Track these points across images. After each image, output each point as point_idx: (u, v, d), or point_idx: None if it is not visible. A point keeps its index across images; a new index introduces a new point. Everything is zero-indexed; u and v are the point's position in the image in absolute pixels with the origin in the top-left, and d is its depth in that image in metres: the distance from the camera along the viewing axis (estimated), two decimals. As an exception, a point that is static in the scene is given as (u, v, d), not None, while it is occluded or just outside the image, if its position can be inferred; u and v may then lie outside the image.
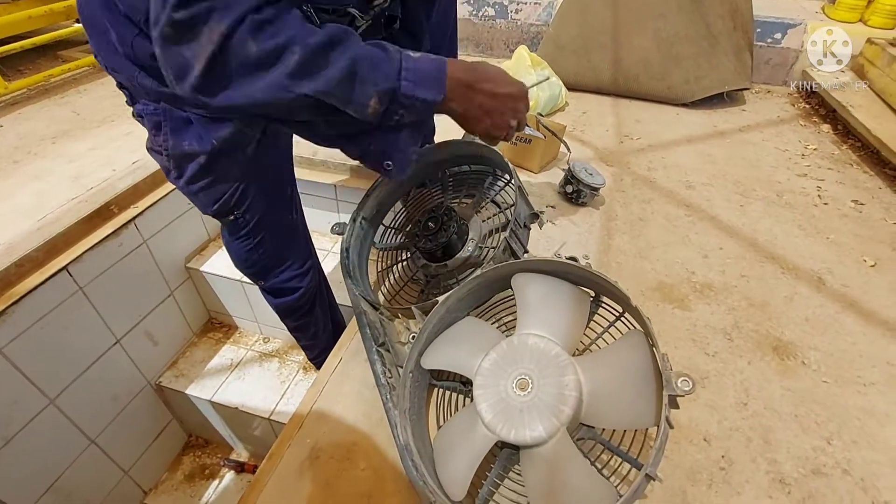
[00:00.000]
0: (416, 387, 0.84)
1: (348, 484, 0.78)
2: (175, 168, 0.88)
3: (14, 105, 2.19)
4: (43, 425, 1.37)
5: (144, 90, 0.79)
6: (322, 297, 1.33)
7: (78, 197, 1.48)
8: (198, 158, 0.85)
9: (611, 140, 1.85)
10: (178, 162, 0.86)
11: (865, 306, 1.15)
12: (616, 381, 0.68)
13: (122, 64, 0.77)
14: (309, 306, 1.29)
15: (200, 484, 1.85)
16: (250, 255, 1.09)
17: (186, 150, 0.83)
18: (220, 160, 0.86)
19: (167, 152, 0.85)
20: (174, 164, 0.87)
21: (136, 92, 0.83)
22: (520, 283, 0.81)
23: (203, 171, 0.87)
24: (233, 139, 0.84)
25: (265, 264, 1.12)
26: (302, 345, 1.45)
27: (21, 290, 1.24)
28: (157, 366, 1.78)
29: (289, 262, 1.16)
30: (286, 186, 1.11)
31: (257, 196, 0.97)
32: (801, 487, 0.82)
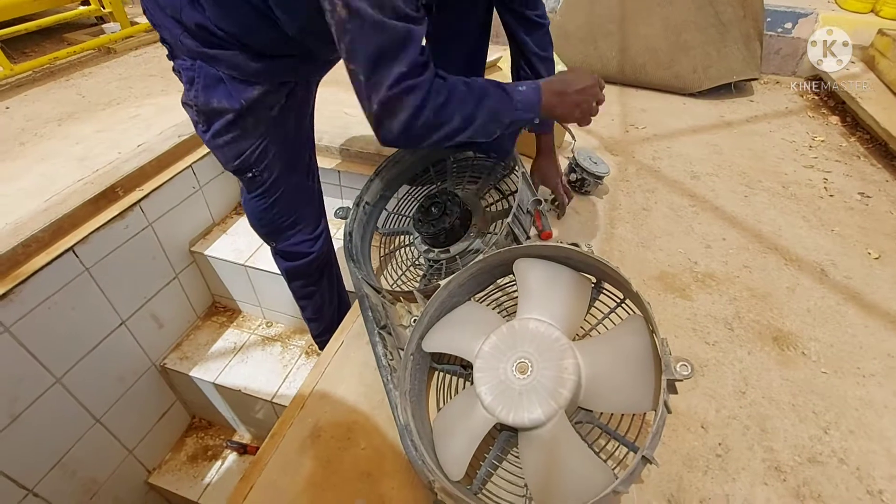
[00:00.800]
0: (417, 369, 0.85)
1: (348, 462, 0.80)
2: (203, 122, 0.95)
3: (20, 87, 2.19)
4: (49, 403, 1.40)
5: (185, 48, 0.87)
6: (331, 269, 1.34)
7: (84, 178, 1.48)
8: (226, 115, 0.92)
9: (616, 129, 1.84)
10: (206, 116, 0.93)
11: (868, 298, 1.15)
12: (615, 366, 0.69)
13: (170, 24, 0.87)
14: (318, 275, 1.29)
15: (203, 464, 1.88)
16: (265, 214, 1.12)
17: (215, 106, 0.91)
18: (245, 118, 0.94)
19: (197, 107, 0.92)
20: (203, 118, 0.94)
21: (177, 48, 0.90)
22: (521, 267, 0.81)
23: (229, 127, 0.94)
24: (260, 100, 0.92)
25: (278, 225, 1.14)
26: (307, 317, 1.43)
27: (28, 269, 1.25)
28: (162, 348, 1.80)
29: (301, 225, 1.17)
30: (305, 151, 1.13)
31: (277, 156, 1.02)
32: (797, 475, 0.83)
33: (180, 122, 1.77)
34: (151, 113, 1.89)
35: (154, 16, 0.89)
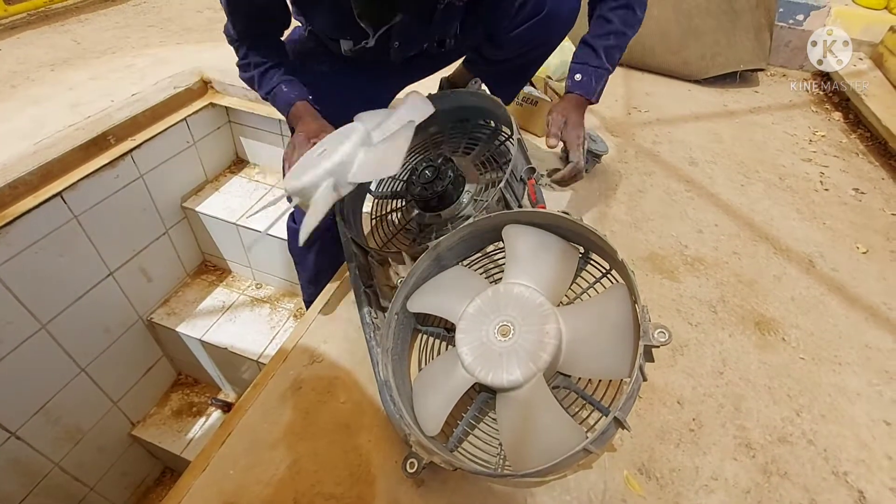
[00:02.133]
0: (401, 329, 0.85)
1: (327, 414, 0.80)
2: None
3: (13, 29, 2.14)
4: (34, 349, 1.40)
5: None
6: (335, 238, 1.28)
7: (75, 124, 1.46)
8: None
9: (619, 110, 1.83)
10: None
11: (851, 291, 1.16)
12: (596, 332, 0.70)
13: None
14: (320, 244, 1.21)
15: (187, 420, 1.90)
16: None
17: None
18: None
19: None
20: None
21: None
22: (511, 233, 0.81)
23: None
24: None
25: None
26: (302, 283, 1.40)
27: (14, 211, 1.24)
28: (150, 302, 1.80)
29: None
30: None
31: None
32: (766, 453, 0.85)
33: (176, 74, 1.74)
34: (147, 63, 1.85)
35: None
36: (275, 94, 0.96)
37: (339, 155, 0.71)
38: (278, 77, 0.96)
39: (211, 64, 1.83)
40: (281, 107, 0.97)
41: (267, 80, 0.96)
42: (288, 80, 0.96)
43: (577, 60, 1.04)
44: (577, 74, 1.03)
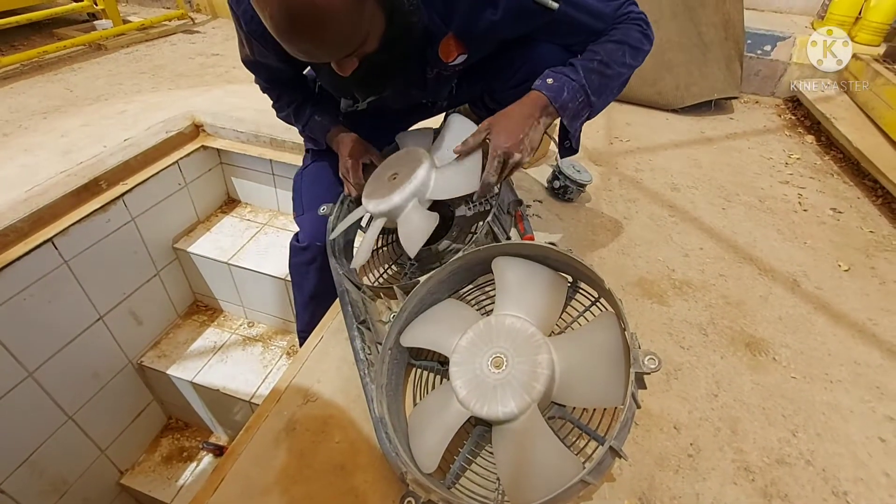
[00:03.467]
0: (395, 364, 0.85)
1: (322, 455, 0.79)
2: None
3: (7, 79, 2.18)
4: (20, 398, 1.37)
5: None
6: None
7: (67, 171, 1.47)
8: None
9: (601, 141, 1.88)
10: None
11: (837, 308, 1.19)
12: (588, 361, 0.70)
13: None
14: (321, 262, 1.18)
15: (178, 466, 1.84)
16: (297, 177, 1.20)
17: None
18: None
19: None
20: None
21: None
22: (500, 265, 0.83)
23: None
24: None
25: (302, 196, 1.19)
26: (298, 308, 1.39)
27: (4, 259, 1.24)
28: (140, 345, 1.77)
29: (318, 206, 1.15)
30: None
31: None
32: (765, 475, 0.84)
33: (168, 118, 1.77)
34: (140, 109, 1.89)
35: None
36: (311, 126, 1.07)
37: (418, 179, 0.86)
38: (310, 110, 1.06)
39: (203, 108, 1.87)
40: (318, 135, 1.08)
41: (301, 115, 1.07)
42: (319, 110, 1.06)
43: (554, 70, 0.89)
44: (549, 78, 0.87)
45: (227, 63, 2.47)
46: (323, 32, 0.66)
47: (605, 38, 0.90)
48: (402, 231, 0.85)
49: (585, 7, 0.86)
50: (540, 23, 0.86)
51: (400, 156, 0.94)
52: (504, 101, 1.08)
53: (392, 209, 0.86)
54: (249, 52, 0.95)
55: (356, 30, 0.69)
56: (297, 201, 1.17)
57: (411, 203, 0.85)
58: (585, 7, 0.86)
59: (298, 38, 0.67)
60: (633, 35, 0.90)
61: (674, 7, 1.99)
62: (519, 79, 1.01)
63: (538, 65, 0.95)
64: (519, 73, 1.00)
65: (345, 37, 0.69)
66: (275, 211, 2.00)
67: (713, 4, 1.99)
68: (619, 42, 0.89)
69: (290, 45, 0.69)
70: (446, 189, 0.86)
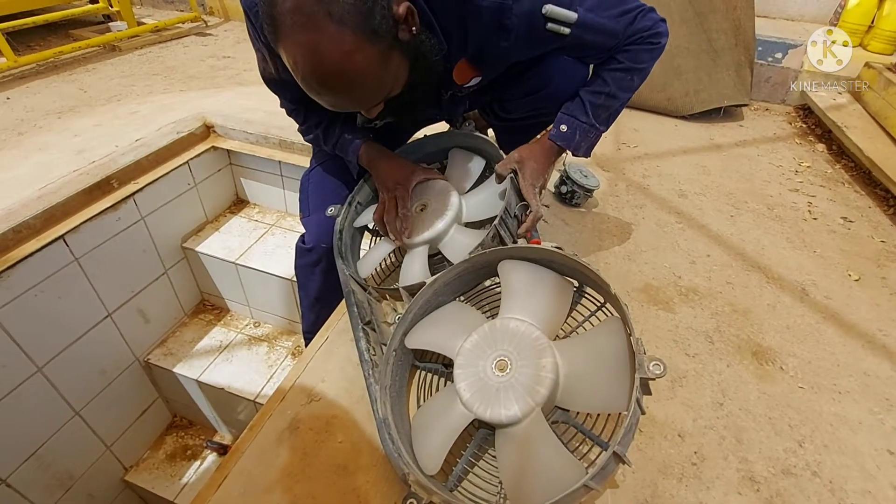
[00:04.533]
0: (399, 365, 0.85)
1: (325, 455, 0.80)
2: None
3: (22, 79, 2.22)
4: (29, 392, 1.38)
5: None
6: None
7: (80, 169, 1.49)
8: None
9: (608, 146, 1.88)
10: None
11: (846, 318, 1.17)
12: (592, 365, 0.70)
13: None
14: (326, 263, 1.19)
15: (182, 464, 1.85)
16: (304, 179, 1.19)
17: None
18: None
19: None
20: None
21: None
22: (506, 269, 0.83)
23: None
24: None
25: (309, 198, 1.18)
26: (303, 308, 1.39)
27: (17, 255, 1.26)
28: (147, 343, 1.79)
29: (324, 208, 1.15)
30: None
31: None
32: (770, 486, 0.83)
33: (179, 120, 1.79)
34: (152, 110, 1.91)
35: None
36: (341, 145, 1.04)
37: (454, 206, 0.97)
38: (339, 129, 1.03)
39: (213, 109, 1.89)
40: (350, 153, 1.04)
41: (330, 135, 1.04)
42: (348, 127, 1.03)
43: (566, 112, 0.96)
44: (562, 125, 0.95)
45: (237, 65, 2.49)
46: (351, 91, 0.70)
47: (615, 65, 0.91)
48: (449, 251, 0.95)
49: (597, 28, 0.85)
50: (552, 47, 0.88)
51: (417, 189, 1.03)
52: (514, 110, 1.09)
53: (436, 235, 0.95)
54: (273, 70, 0.89)
55: (382, 84, 0.73)
56: (304, 203, 1.17)
57: (454, 227, 0.97)
58: (597, 28, 0.85)
59: (328, 95, 0.71)
60: (642, 58, 0.91)
61: (683, 13, 1.99)
62: (528, 90, 1.02)
63: (548, 75, 0.98)
64: (529, 83, 1.01)
65: (371, 92, 0.73)
66: (283, 212, 2.01)
67: (723, 10, 1.99)
68: (628, 70, 0.91)
69: (319, 98, 0.72)
70: (476, 213, 0.99)
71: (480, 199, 1.01)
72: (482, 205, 1.00)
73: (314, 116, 1.04)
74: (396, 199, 1.00)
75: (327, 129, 1.04)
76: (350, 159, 1.05)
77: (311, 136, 1.07)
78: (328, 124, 1.03)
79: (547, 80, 0.98)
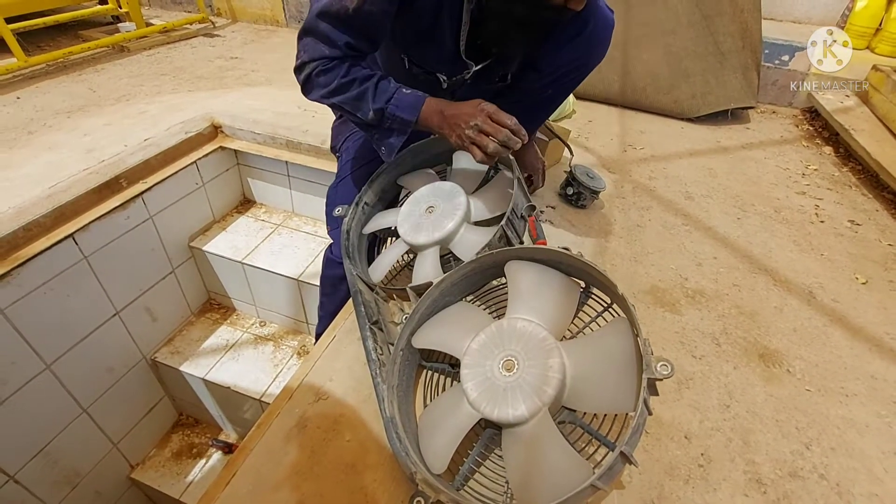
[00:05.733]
0: (406, 365, 0.86)
1: (333, 453, 0.80)
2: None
3: (33, 79, 2.24)
4: (37, 389, 1.40)
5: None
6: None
7: (90, 168, 1.51)
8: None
9: (614, 148, 1.88)
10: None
11: (854, 321, 1.17)
12: (599, 366, 0.70)
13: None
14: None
15: (187, 462, 1.86)
16: (331, 191, 1.22)
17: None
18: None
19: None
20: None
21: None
22: (513, 269, 0.83)
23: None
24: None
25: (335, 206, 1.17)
26: (322, 314, 1.39)
27: (27, 253, 1.27)
28: (154, 341, 1.80)
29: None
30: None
31: (352, 148, 1.23)
32: (777, 488, 0.83)
33: (188, 120, 1.81)
34: (160, 110, 1.93)
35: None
36: (397, 100, 0.93)
37: (463, 206, 0.98)
38: (394, 84, 0.94)
39: (221, 109, 1.90)
40: (407, 110, 0.93)
41: (382, 90, 0.93)
42: (402, 86, 0.94)
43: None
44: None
45: (245, 66, 2.51)
46: None
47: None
48: (460, 250, 0.96)
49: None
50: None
51: (425, 192, 1.04)
52: (544, 68, 1.11)
53: (447, 235, 0.96)
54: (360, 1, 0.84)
55: None
56: (331, 216, 1.17)
57: (464, 226, 0.98)
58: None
59: None
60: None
61: (690, 16, 1.99)
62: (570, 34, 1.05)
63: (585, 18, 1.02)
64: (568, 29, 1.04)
65: None
66: (289, 212, 2.02)
67: (730, 13, 1.99)
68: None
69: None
70: (485, 212, 1.01)
71: (488, 198, 1.02)
72: (490, 203, 1.01)
73: (360, 70, 0.93)
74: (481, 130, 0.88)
75: (379, 84, 0.93)
76: (406, 117, 0.93)
77: (351, 93, 0.93)
78: (380, 78, 0.93)
79: (586, 22, 1.03)
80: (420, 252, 1.00)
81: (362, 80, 0.93)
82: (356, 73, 0.92)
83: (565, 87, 1.18)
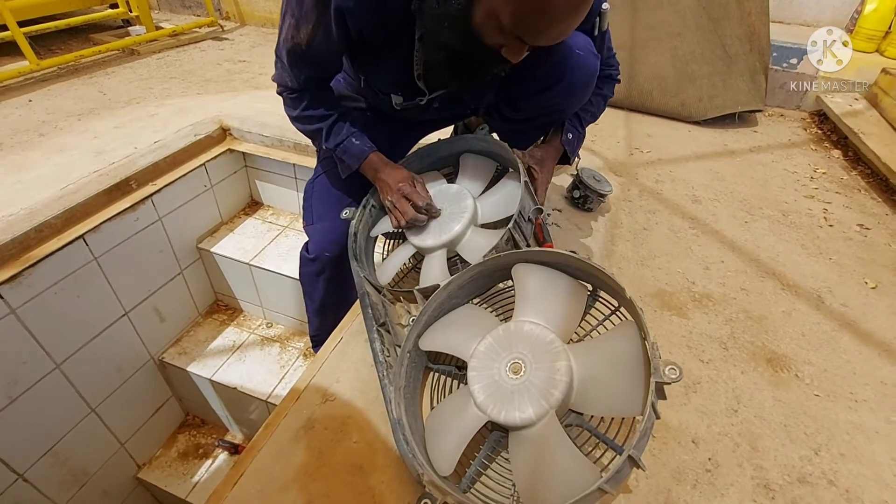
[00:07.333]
0: (413, 367, 0.86)
1: (340, 454, 0.80)
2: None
3: (44, 82, 2.27)
4: (47, 389, 1.41)
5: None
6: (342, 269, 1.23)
7: (99, 170, 1.52)
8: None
9: (621, 151, 1.88)
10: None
11: (863, 326, 1.16)
12: (607, 369, 0.70)
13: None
14: (331, 269, 1.21)
15: (193, 462, 1.87)
16: (309, 186, 1.20)
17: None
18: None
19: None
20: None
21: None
22: (520, 272, 0.83)
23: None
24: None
25: (313, 206, 1.19)
26: (309, 314, 1.40)
27: (38, 254, 1.28)
28: (162, 342, 1.81)
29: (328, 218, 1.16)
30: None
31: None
32: (786, 494, 0.83)
33: (196, 122, 1.82)
34: (169, 112, 1.95)
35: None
36: (345, 147, 1.01)
37: (470, 209, 0.99)
38: (347, 130, 1.01)
39: (230, 112, 1.92)
40: (352, 158, 1.02)
41: (337, 133, 1.01)
42: (356, 132, 1.02)
43: (570, 122, 1.14)
44: (569, 133, 1.13)
45: (253, 69, 2.53)
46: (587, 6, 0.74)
47: (598, 93, 1.15)
48: (467, 252, 0.96)
49: (606, 40, 1.08)
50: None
51: (432, 195, 1.04)
52: (525, 108, 1.10)
53: (454, 238, 0.97)
54: (309, 37, 0.86)
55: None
56: (308, 211, 1.17)
57: (471, 229, 0.99)
58: (606, 40, 1.08)
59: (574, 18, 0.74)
60: (611, 92, 1.19)
61: (697, 19, 1.98)
62: (543, 85, 1.04)
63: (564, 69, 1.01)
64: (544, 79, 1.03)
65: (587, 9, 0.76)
66: (296, 214, 2.04)
67: (738, 16, 1.98)
68: (605, 98, 1.19)
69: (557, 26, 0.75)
70: (492, 214, 1.01)
71: (494, 201, 1.02)
72: (497, 206, 1.01)
73: (320, 107, 1.00)
74: (403, 195, 0.99)
75: (333, 126, 1.01)
76: (350, 164, 1.03)
77: (311, 126, 1.02)
78: (335, 120, 1.01)
79: (563, 74, 1.01)
80: (427, 255, 1.00)
81: (320, 118, 1.01)
82: (315, 109, 1.00)
83: (549, 123, 1.18)
